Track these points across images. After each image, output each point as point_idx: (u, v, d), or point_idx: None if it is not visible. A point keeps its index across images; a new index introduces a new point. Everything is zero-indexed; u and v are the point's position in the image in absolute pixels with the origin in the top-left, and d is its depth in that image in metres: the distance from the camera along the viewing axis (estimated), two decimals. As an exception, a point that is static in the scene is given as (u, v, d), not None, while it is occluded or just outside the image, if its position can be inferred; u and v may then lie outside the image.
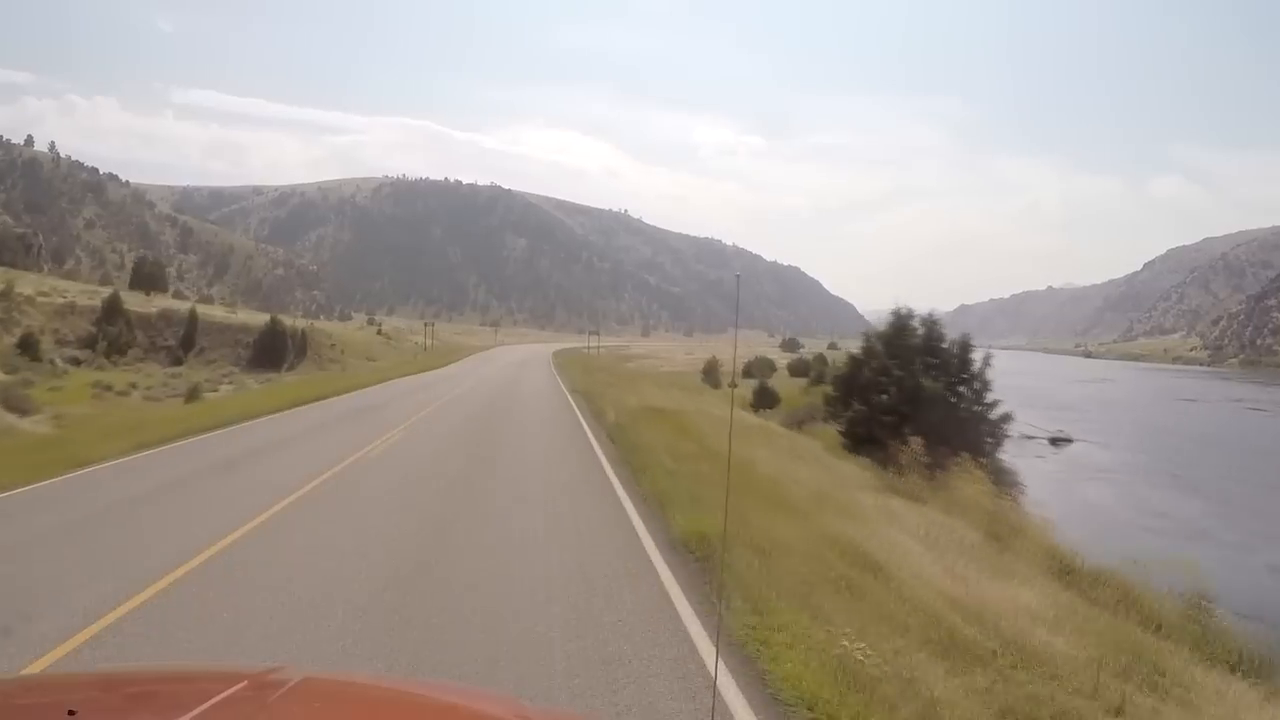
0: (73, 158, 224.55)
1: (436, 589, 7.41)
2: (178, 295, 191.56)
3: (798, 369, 72.15)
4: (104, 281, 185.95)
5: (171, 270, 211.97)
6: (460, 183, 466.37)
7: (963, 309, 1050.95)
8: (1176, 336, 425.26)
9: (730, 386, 54.54)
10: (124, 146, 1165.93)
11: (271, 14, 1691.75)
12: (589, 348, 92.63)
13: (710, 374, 59.58)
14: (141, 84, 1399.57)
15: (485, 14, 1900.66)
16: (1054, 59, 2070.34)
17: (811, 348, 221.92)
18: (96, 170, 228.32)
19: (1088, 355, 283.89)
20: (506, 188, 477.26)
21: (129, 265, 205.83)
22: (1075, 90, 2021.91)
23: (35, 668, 5.38)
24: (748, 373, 67.12)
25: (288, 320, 57.58)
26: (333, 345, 56.11)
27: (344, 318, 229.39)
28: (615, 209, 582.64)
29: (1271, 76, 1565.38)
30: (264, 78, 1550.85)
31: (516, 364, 58.84)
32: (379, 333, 71.34)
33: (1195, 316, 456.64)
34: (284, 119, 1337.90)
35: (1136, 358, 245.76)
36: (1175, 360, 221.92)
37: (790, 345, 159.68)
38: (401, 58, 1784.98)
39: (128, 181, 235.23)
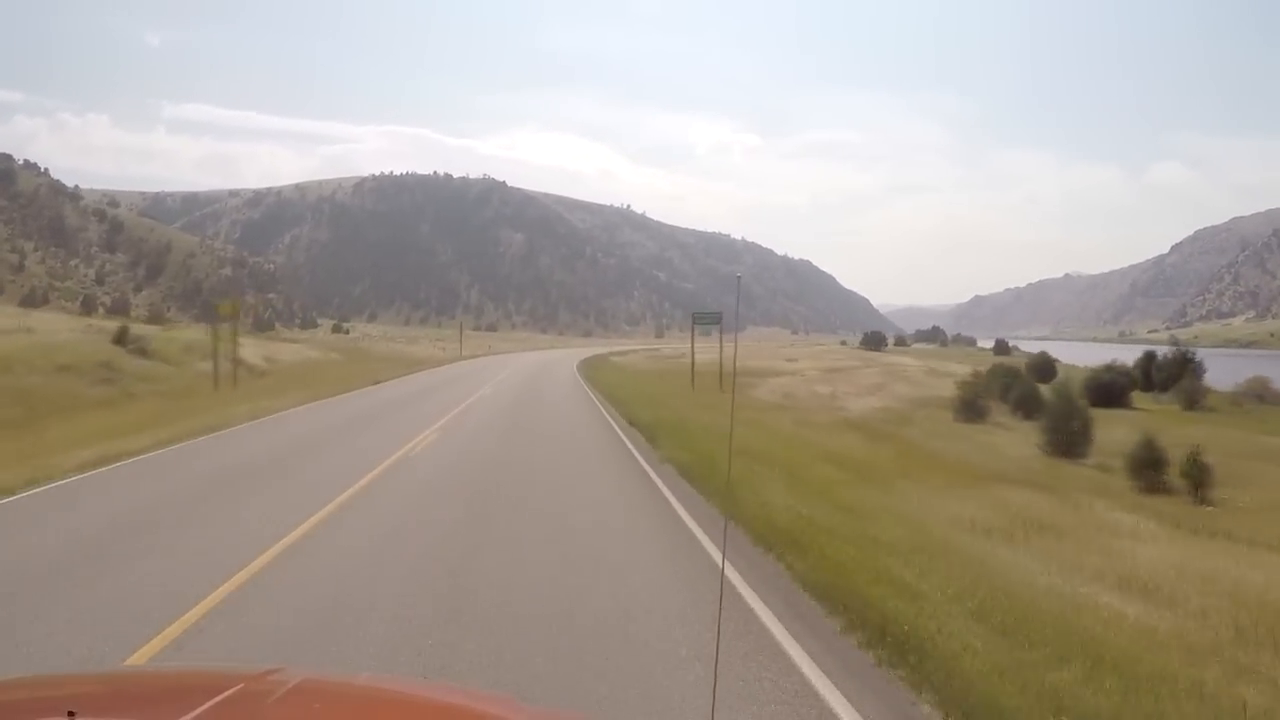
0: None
1: None
2: (86, 307, 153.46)
3: (1116, 391, 33.46)
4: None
5: (90, 273, 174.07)
6: (450, 176, 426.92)
7: (977, 300, 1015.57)
8: (1240, 320, 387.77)
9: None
10: (117, 163, 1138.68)
11: (260, 25, 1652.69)
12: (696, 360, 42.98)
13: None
14: (133, 100, 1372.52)
15: (480, 20, 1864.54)
16: (1049, 48, 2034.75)
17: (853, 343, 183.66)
18: (10, 157, 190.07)
19: (1174, 344, 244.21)
20: (500, 179, 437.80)
21: (30, 267, 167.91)
22: (1071, 79, 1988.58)
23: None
24: (1025, 407, 28.46)
25: None
26: None
27: (309, 325, 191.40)
28: (617, 204, 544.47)
29: (1267, 62, 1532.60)
30: (255, 90, 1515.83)
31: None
32: (119, 341, 31.66)
33: (1255, 298, 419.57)
34: (276, 130, 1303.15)
35: (1246, 345, 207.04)
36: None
37: (873, 341, 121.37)
38: (393, 66, 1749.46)
39: (45, 170, 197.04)
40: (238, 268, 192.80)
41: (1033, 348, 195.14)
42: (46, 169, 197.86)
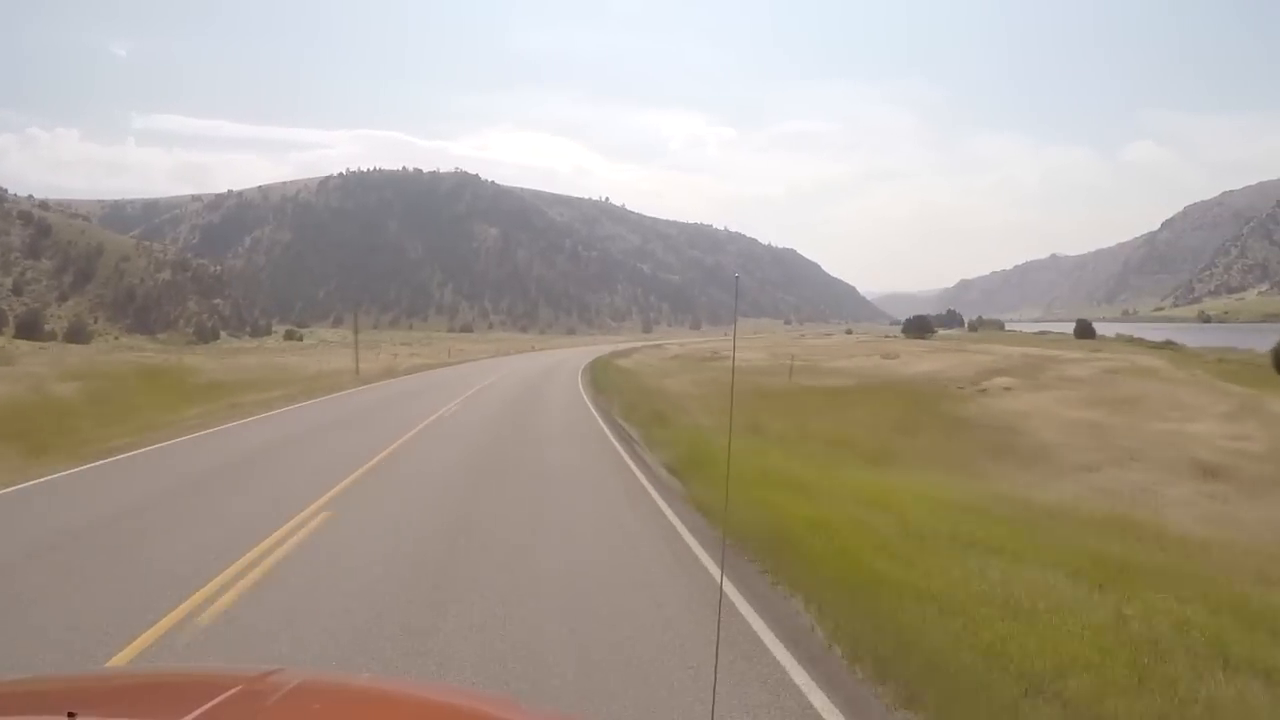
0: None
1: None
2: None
3: None
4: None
5: (7, 281, 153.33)
6: (420, 171, 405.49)
7: (964, 284, 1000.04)
8: (1254, 293, 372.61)
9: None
10: (89, 177, 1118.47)
11: (229, 33, 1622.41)
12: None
13: None
14: (102, 112, 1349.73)
15: (453, 22, 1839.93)
16: (1016, 32, 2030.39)
17: (878, 332, 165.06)
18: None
19: (1206, 321, 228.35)
20: (473, 173, 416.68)
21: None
22: (1040, 62, 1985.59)
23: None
24: None
25: None
26: None
27: (260, 332, 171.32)
28: (596, 197, 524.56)
29: (1239, 42, 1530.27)
30: (225, 98, 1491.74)
31: None
32: None
33: (1265, 270, 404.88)
34: (248, 138, 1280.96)
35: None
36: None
37: (916, 328, 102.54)
38: (365, 71, 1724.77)
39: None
40: (179, 271, 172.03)
41: (1030, 328, 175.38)
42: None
